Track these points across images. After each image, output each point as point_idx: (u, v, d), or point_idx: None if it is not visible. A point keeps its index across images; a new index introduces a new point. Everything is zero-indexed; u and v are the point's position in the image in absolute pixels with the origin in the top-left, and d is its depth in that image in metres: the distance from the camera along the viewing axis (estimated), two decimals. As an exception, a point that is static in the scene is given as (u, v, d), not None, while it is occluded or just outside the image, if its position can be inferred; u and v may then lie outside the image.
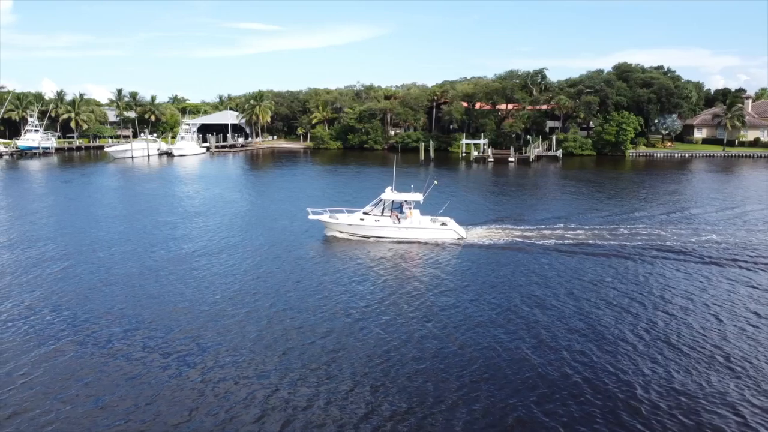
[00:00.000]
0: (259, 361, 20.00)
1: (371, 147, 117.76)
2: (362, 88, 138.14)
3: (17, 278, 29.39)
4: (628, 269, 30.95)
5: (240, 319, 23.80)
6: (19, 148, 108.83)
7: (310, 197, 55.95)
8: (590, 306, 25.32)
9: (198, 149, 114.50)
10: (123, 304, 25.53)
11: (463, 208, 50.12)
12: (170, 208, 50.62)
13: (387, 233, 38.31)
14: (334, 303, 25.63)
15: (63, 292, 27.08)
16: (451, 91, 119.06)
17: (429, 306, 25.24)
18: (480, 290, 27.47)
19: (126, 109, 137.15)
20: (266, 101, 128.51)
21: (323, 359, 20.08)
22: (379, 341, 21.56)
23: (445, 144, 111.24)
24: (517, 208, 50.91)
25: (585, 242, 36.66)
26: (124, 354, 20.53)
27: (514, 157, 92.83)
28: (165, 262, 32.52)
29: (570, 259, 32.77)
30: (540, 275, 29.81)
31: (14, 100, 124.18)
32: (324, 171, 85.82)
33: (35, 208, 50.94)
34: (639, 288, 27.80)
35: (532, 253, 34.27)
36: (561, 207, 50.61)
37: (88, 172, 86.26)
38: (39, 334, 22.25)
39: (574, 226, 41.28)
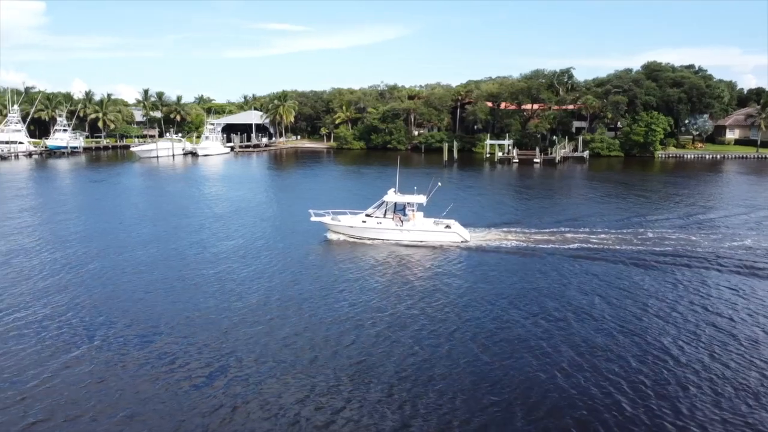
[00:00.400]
0: (285, 371, 19.56)
1: (394, 147, 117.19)
2: (386, 88, 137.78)
3: (43, 281, 29.39)
4: (658, 277, 29.83)
5: (262, 328, 23.42)
6: (48, 148, 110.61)
7: (332, 199, 55.53)
8: (624, 317, 24.36)
9: (222, 149, 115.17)
10: (145, 310, 25.33)
11: (479, 210, 49.51)
12: (192, 210, 50.59)
13: (389, 236, 37.67)
14: (355, 312, 25.07)
15: (87, 297, 26.99)
16: (475, 90, 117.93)
17: (454, 315, 24.55)
18: (497, 298, 26.62)
19: (152, 109, 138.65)
20: (290, 101, 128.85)
21: (349, 371, 19.53)
22: (407, 354, 20.91)
23: (469, 144, 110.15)
24: (537, 210, 49.82)
25: (609, 247, 35.46)
26: (145, 362, 20.25)
27: (539, 158, 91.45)
28: (186, 266, 32.30)
29: (591, 265, 31.64)
30: (556, 282, 28.89)
31: (44, 100, 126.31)
32: (346, 171, 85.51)
33: (62, 209, 51.34)
34: (674, 297, 26.72)
35: (542, 258, 33.28)
36: (584, 209, 49.41)
37: (114, 171, 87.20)
38: (61, 340, 22.09)
39: (598, 230, 40.00)
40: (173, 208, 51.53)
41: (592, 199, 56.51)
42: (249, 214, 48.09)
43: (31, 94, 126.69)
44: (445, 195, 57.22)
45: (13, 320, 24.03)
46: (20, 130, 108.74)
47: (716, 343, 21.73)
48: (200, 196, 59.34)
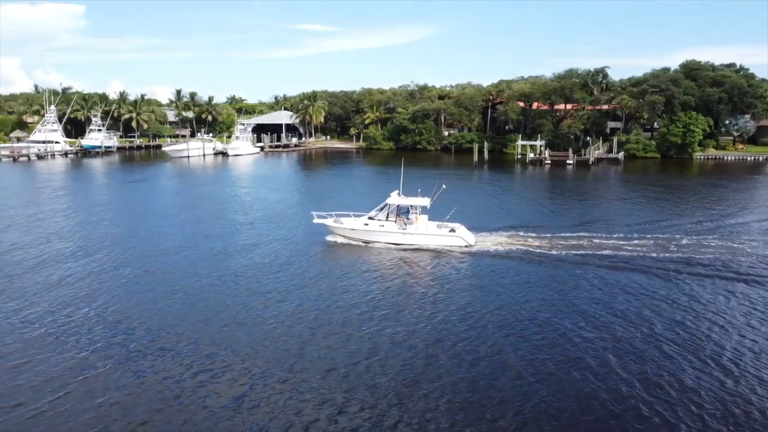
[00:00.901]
0: (304, 381, 18.91)
1: (424, 148, 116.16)
2: (416, 87, 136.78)
3: (74, 285, 29.38)
4: (693, 288, 28.28)
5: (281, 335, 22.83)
6: (83, 147, 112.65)
7: (358, 200, 54.93)
8: (654, 329, 23.08)
9: (252, 149, 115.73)
10: (169, 319, 25.00)
11: (498, 213, 48.63)
12: (219, 211, 50.53)
13: (391, 239, 36.83)
14: (374, 319, 24.32)
15: (110, 303, 26.83)
16: (507, 90, 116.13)
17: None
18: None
19: (184, 109, 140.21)
20: (320, 101, 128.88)
21: (368, 382, 18.79)
22: (427, 364, 20.07)
23: (500, 145, 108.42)
24: (561, 214, 48.25)
25: (637, 254, 33.84)
26: (169, 374, 19.82)
27: (572, 159, 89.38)
28: (205, 271, 32.02)
29: (610, 274, 30.17)
30: (555, 291, 27.70)
31: (80, 100, 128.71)
32: (375, 172, 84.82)
33: (94, 211, 51.72)
34: (713, 311, 25.27)
35: (551, 266, 32.03)
36: (614, 213, 47.75)
37: (146, 171, 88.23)
38: (84, 349, 21.85)
39: (627, 235, 38.36)
40: (200, 210, 51.55)
41: (625, 202, 54.67)
42: (271, 216, 47.73)
43: (68, 94, 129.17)
44: (469, 196, 56.32)
45: (42, 326, 23.91)
46: (57, 130, 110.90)
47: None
48: (227, 197, 59.36)
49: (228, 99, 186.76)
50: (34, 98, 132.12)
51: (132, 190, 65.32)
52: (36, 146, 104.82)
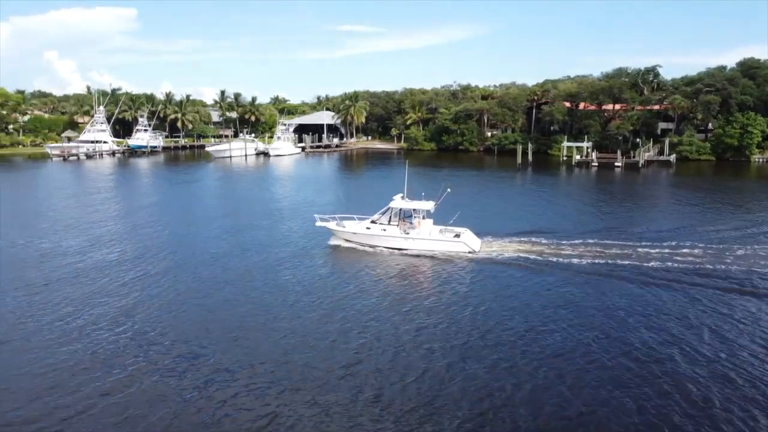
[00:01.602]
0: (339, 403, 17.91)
1: (466, 149, 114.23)
2: (459, 87, 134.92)
3: (112, 284, 29.22)
4: (758, 307, 26.03)
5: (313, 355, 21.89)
6: (129, 147, 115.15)
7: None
8: (701, 351, 21.17)
9: (293, 149, 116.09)
10: (204, 330, 24.41)
11: (523, 217, 46.48)
12: (260, 212, 50.17)
13: (393, 244, 35.60)
14: (414, 337, 23.13)
15: (140, 304, 26.46)
16: (552, 90, 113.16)
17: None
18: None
19: (228, 109, 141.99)
20: (361, 101, 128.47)
21: (416, 402, 17.63)
22: (484, 390, 18.44)
23: (544, 146, 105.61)
24: (600, 219, 45.85)
25: (690, 267, 31.26)
26: (199, 390, 19.13)
27: (620, 161, 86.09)
28: (245, 274, 31.45)
29: (632, 287, 28.15)
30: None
31: (128, 101, 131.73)
32: (416, 174, 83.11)
33: (140, 216, 52.22)
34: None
35: (562, 275, 30.10)
36: (661, 219, 45.03)
37: (189, 171, 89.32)
38: (113, 354, 21.41)
39: (677, 244, 35.83)
40: (240, 214, 51.37)
41: (676, 207, 51.80)
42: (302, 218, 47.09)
43: (116, 95, 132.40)
44: (503, 200, 54.54)
45: (72, 327, 23.65)
46: (105, 130, 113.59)
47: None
48: (266, 200, 59.18)
49: (272, 99, 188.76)
50: (84, 99, 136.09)
51: (176, 191, 65.90)
52: (85, 146, 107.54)
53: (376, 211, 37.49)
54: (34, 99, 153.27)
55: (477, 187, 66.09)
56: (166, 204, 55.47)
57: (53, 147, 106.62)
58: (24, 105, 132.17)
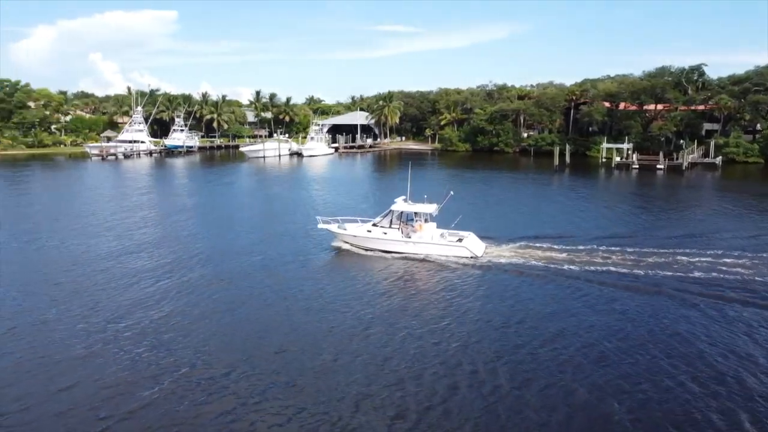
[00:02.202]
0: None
1: (501, 150, 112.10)
2: (495, 87, 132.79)
3: (143, 292, 28.94)
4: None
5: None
6: (166, 147, 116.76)
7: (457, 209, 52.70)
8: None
9: (326, 150, 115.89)
10: (227, 337, 23.80)
11: (546, 221, 44.65)
12: (290, 215, 49.68)
13: (394, 247, 34.76)
14: (443, 353, 22.03)
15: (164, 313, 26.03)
16: (591, 90, 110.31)
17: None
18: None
19: (263, 109, 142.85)
20: (395, 102, 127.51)
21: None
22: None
23: (582, 148, 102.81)
24: (640, 224, 43.66)
25: (735, 278, 29.15)
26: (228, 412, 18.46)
27: (663, 163, 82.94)
28: (273, 279, 30.83)
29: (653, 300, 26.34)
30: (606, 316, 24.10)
31: (165, 101, 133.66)
32: (450, 176, 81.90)
33: (173, 210, 52.40)
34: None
35: (565, 283, 28.64)
36: (697, 224, 42.48)
37: (223, 171, 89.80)
38: (142, 370, 20.94)
39: (722, 253, 33.61)
40: (270, 215, 51.01)
41: (721, 212, 49.10)
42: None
43: (154, 96, 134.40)
44: (544, 202, 52.69)
45: (100, 337, 23.31)
46: (142, 130, 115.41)
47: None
48: (297, 201, 58.71)
49: (307, 99, 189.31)
50: (124, 100, 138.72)
51: (209, 192, 66.09)
52: (123, 146, 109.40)
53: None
54: (76, 100, 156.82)
55: (511, 190, 64.49)
56: (200, 206, 55.42)
57: (92, 147, 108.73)
58: (66, 105, 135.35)
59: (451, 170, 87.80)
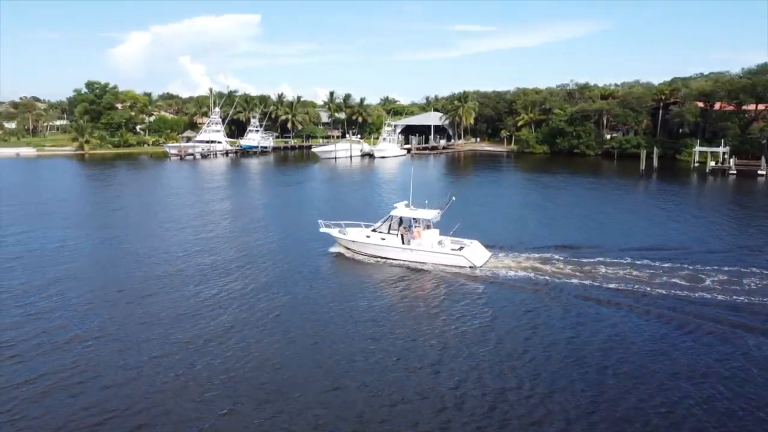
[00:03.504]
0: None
1: (582, 152, 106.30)
2: (575, 87, 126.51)
3: (212, 300, 28.02)
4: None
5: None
6: (241, 147, 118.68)
7: (510, 214, 49.68)
8: None
9: (398, 151, 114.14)
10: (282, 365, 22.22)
11: (596, 231, 40.49)
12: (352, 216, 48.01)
13: (392, 254, 33.60)
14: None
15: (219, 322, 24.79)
16: (682, 89, 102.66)
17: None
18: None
19: (337, 110, 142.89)
20: (470, 102, 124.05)
21: None
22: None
23: (672, 151, 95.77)
24: (734, 237, 38.59)
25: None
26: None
27: (765, 168, 75.58)
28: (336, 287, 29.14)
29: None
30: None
31: (242, 102, 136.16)
32: (526, 179, 78.15)
33: (246, 219, 52.08)
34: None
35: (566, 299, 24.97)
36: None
37: (296, 172, 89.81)
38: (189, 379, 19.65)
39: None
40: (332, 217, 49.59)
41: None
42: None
43: (232, 96, 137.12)
44: (627, 211, 48.18)
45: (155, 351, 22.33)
46: (219, 131, 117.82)
47: None
48: (366, 204, 57.06)
49: (381, 100, 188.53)
50: (203, 101, 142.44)
51: (280, 193, 66.05)
52: (200, 146, 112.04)
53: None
54: (160, 101, 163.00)
55: (588, 196, 60.05)
56: (271, 207, 55.18)
57: (171, 147, 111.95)
58: (150, 106, 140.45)
59: (527, 173, 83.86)
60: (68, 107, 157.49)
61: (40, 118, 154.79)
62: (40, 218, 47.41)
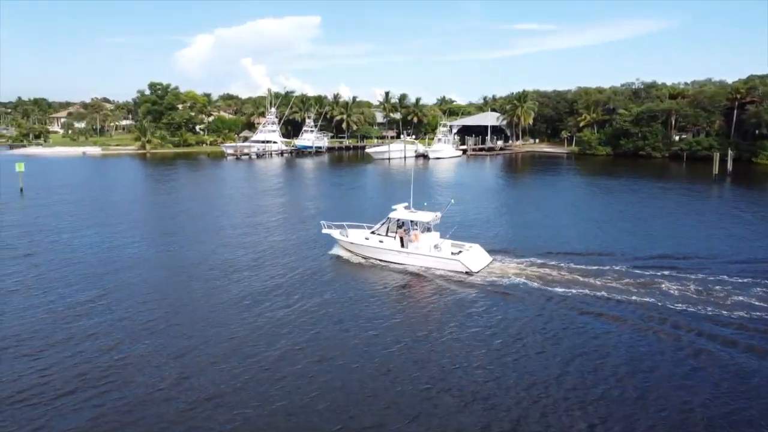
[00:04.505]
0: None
1: (648, 154, 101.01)
2: (642, 86, 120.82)
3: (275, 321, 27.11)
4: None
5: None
6: (296, 147, 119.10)
7: (561, 219, 46.89)
8: None
9: (453, 152, 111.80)
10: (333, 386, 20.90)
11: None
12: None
13: (389, 257, 32.95)
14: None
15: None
16: (760, 87, 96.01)
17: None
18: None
19: (392, 110, 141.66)
20: (529, 102, 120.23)
21: None
22: None
23: (748, 153, 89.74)
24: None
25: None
26: None
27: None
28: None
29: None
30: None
31: (298, 102, 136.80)
32: (586, 183, 74.43)
33: (302, 227, 51.44)
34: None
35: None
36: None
37: (348, 173, 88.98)
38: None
39: None
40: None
41: None
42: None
43: (288, 97, 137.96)
44: (700, 220, 44.31)
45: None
46: (275, 131, 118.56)
47: None
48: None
49: (438, 100, 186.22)
50: (260, 101, 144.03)
51: (334, 194, 65.08)
52: (256, 145, 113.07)
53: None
54: (219, 101, 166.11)
55: (652, 202, 56.23)
56: (326, 212, 54.01)
57: (228, 146, 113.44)
58: (209, 107, 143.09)
59: (588, 177, 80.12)
60: (134, 108, 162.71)
61: (107, 118, 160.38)
62: (104, 217, 48.40)
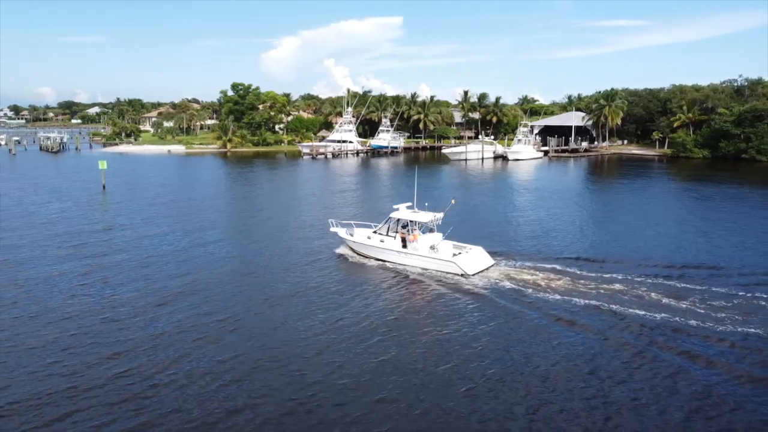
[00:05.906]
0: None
1: (752, 157, 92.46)
2: (745, 83, 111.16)
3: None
4: None
5: None
6: (372, 147, 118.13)
7: (638, 228, 42.56)
8: None
9: (534, 153, 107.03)
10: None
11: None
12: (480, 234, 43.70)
13: (389, 257, 33.12)
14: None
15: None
16: None
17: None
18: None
19: (471, 110, 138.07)
20: (618, 101, 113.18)
21: None
22: None
23: None
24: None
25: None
26: None
27: None
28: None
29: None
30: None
31: (375, 102, 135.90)
32: (681, 189, 68.22)
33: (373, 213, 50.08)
34: None
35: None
36: None
37: (421, 174, 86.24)
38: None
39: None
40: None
41: None
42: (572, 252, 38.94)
43: (365, 96, 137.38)
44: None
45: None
46: (351, 131, 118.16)
47: None
48: (497, 212, 52.30)
49: (519, 99, 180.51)
50: (338, 101, 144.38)
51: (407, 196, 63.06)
52: (332, 145, 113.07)
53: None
54: (299, 101, 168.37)
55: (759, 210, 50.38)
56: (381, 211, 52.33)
57: (304, 146, 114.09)
58: (288, 107, 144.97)
59: (683, 182, 73.77)
60: (218, 107, 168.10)
61: (193, 118, 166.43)
62: (186, 214, 49.69)
